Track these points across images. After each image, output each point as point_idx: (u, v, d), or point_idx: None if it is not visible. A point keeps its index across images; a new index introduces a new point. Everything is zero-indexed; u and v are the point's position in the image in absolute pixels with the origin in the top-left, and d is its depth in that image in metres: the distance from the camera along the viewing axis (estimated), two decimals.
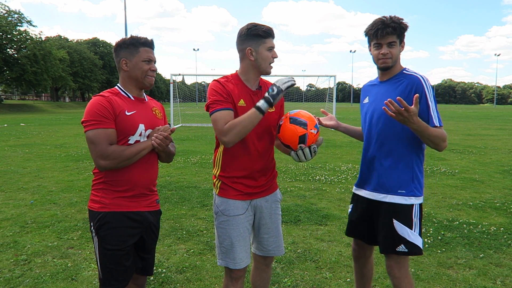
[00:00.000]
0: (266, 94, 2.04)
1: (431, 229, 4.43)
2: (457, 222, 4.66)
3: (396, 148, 2.21)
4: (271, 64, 2.18)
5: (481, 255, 3.72)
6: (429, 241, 4.06)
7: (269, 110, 2.16)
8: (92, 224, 2.03)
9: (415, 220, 2.20)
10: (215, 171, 2.26)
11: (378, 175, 2.27)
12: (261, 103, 2.03)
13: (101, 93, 2.05)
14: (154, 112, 2.17)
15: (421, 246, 2.21)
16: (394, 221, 2.19)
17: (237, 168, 2.18)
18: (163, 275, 3.31)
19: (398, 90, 2.17)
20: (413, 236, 2.18)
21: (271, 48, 2.15)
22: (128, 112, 2.01)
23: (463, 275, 3.33)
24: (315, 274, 3.37)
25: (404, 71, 2.24)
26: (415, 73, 2.19)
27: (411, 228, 2.18)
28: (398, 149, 2.20)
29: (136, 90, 2.12)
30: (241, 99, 2.14)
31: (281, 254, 2.41)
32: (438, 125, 2.10)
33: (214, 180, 2.27)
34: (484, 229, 4.44)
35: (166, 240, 4.09)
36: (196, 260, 3.63)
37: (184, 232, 4.32)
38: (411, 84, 2.13)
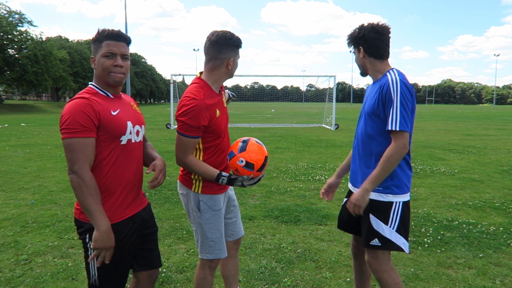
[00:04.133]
0: (225, 181, 2.18)
1: (430, 229, 4.44)
2: (457, 222, 4.67)
3: (374, 146, 2.25)
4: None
5: (480, 255, 3.73)
6: (428, 241, 4.07)
7: (225, 105, 2.36)
8: (88, 235, 1.87)
9: (394, 217, 2.21)
10: (196, 175, 2.27)
11: (361, 172, 2.33)
12: (224, 180, 2.16)
13: (80, 95, 1.83)
14: (133, 107, 2.10)
15: (398, 244, 2.21)
16: (371, 215, 2.25)
17: (217, 166, 2.29)
18: (163, 274, 3.32)
19: (377, 91, 2.22)
20: (388, 231, 2.21)
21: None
22: (113, 111, 1.89)
23: (463, 274, 3.34)
24: (315, 274, 3.38)
25: (388, 72, 2.23)
26: (391, 73, 2.19)
27: (386, 223, 2.21)
28: (377, 147, 2.23)
29: (110, 88, 1.95)
30: (217, 109, 2.21)
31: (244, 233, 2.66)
32: (395, 129, 2.09)
33: (194, 182, 2.28)
34: (483, 229, 4.45)
35: (166, 240, 4.10)
36: (196, 260, 3.64)
37: (184, 232, 4.33)
38: (382, 85, 2.18)
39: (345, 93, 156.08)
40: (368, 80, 2.57)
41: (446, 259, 3.65)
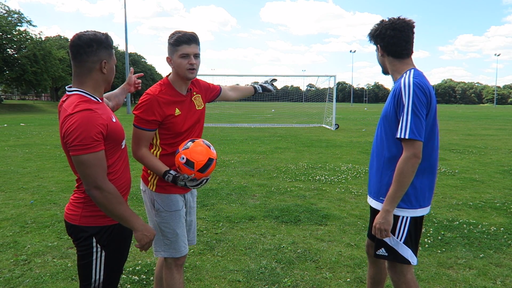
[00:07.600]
0: (170, 178, 2.17)
1: (431, 229, 4.43)
2: (457, 222, 4.66)
3: (386, 151, 2.13)
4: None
5: (481, 255, 3.72)
6: (429, 241, 4.06)
7: (198, 108, 2.37)
8: (95, 239, 1.85)
9: (400, 229, 2.11)
10: (151, 172, 2.30)
11: (371, 177, 2.28)
12: (170, 177, 2.15)
13: (82, 107, 1.70)
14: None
15: (404, 256, 2.12)
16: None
17: (172, 166, 2.25)
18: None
19: (391, 94, 2.12)
20: (394, 242, 2.12)
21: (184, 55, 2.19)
22: (113, 118, 1.85)
23: (463, 275, 3.33)
24: (315, 274, 3.37)
25: (405, 73, 2.10)
26: (406, 74, 2.07)
27: (393, 234, 2.12)
28: (387, 152, 2.11)
29: (101, 93, 1.89)
30: (176, 108, 2.24)
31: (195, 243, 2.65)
32: (404, 137, 1.95)
33: (149, 178, 2.32)
34: (484, 229, 4.44)
35: None
36: (196, 260, 3.63)
37: None
38: (396, 88, 2.07)
39: (345, 93, 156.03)
40: (368, 80, 2.51)
41: (446, 260, 3.64)
